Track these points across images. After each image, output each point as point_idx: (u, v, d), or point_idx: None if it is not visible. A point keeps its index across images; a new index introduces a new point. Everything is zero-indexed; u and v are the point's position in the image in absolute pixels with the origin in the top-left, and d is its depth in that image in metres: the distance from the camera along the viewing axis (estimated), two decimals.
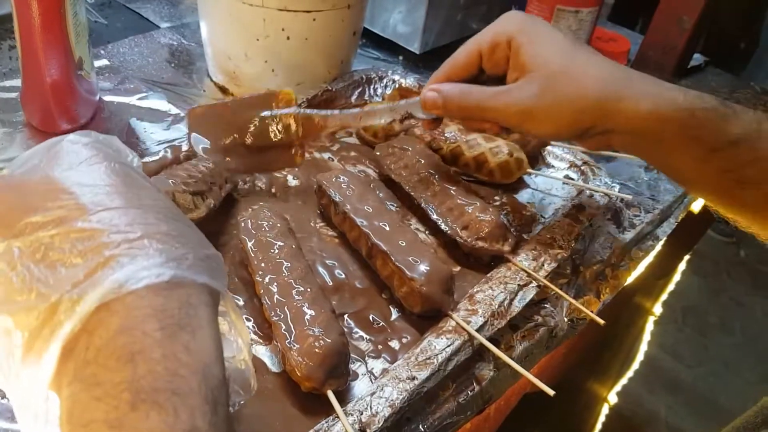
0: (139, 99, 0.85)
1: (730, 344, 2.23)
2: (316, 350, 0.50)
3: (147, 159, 0.69)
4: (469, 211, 0.67)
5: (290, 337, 0.52)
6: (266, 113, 0.67)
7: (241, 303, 0.60)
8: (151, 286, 0.29)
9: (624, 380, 1.49)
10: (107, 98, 0.84)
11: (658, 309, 1.32)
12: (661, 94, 0.54)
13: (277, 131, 0.67)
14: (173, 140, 0.77)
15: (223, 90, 0.90)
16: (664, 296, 1.30)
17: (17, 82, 0.76)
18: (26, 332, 0.29)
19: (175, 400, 0.27)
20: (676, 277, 1.28)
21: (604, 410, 1.48)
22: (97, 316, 0.28)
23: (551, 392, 0.51)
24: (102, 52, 0.93)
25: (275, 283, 0.56)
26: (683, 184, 0.62)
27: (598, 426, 1.49)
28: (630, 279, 0.75)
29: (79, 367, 0.28)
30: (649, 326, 1.38)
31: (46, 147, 0.36)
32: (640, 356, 1.46)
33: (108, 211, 0.31)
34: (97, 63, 0.90)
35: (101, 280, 0.29)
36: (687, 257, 1.25)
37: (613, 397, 1.47)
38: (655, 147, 0.56)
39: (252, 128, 0.67)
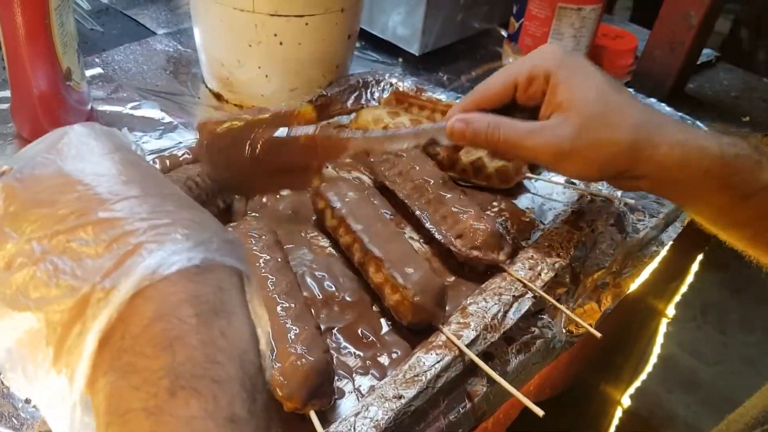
0: (132, 108, 0.84)
1: (751, 342, 2.19)
2: (298, 369, 0.49)
3: None
4: (464, 219, 0.65)
5: (272, 355, 0.50)
6: (283, 133, 0.60)
7: None
8: (183, 270, 0.29)
9: (641, 380, 1.46)
10: (100, 107, 0.83)
11: (671, 310, 1.29)
12: (695, 141, 0.54)
13: (294, 153, 0.61)
14: (165, 149, 0.76)
15: (218, 97, 0.88)
16: (678, 297, 1.27)
17: (8, 93, 0.75)
18: (58, 328, 0.28)
19: (215, 387, 0.27)
20: (694, 274, 1.25)
21: (621, 411, 1.46)
22: (132, 304, 0.28)
23: (540, 412, 0.49)
24: (96, 60, 0.92)
25: None
26: (714, 229, 0.61)
27: (613, 428, 1.46)
28: (633, 286, 0.73)
29: (115, 356, 0.28)
30: (666, 326, 1.36)
31: (51, 141, 0.35)
32: (657, 356, 1.43)
33: (128, 200, 0.31)
34: (91, 71, 0.89)
35: (133, 268, 0.28)
36: (705, 254, 1.22)
37: (627, 400, 1.44)
38: (686, 193, 0.57)
39: (266, 148, 0.60)
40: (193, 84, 0.91)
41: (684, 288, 1.25)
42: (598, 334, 0.59)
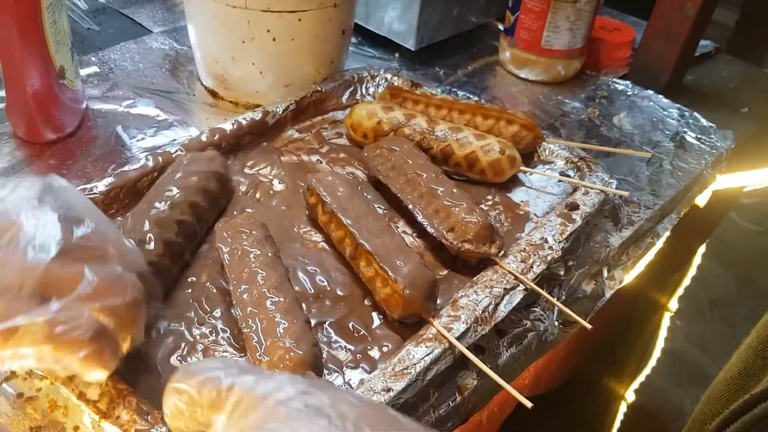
0: (128, 106, 0.84)
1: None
2: (287, 363, 0.49)
3: (127, 168, 0.68)
4: (456, 212, 0.65)
5: (261, 350, 0.50)
6: None
7: (218, 314, 0.59)
8: None
9: (647, 375, 1.45)
10: (95, 106, 0.83)
11: (677, 304, 1.28)
12: None
13: None
14: (159, 147, 0.77)
15: (213, 94, 0.88)
16: (685, 291, 1.27)
17: (3, 93, 0.75)
18: None
19: None
20: (701, 268, 1.24)
21: (627, 406, 1.45)
22: None
23: (529, 404, 0.49)
24: (93, 59, 0.93)
25: (248, 293, 0.54)
26: None
27: (617, 424, 1.45)
28: (629, 278, 0.72)
29: None
30: (674, 321, 1.35)
31: None
32: (665, 350, 1.42)
33: None
34: (87, 70, 0.89)
35: None
36: (710, 247, 1.21)
37: (632, 394, 1.43)
38: None
39: None
40: (189, 81, 0.91)
41: (690, 282, 1.25)
42: (589, 326, 0.58)
